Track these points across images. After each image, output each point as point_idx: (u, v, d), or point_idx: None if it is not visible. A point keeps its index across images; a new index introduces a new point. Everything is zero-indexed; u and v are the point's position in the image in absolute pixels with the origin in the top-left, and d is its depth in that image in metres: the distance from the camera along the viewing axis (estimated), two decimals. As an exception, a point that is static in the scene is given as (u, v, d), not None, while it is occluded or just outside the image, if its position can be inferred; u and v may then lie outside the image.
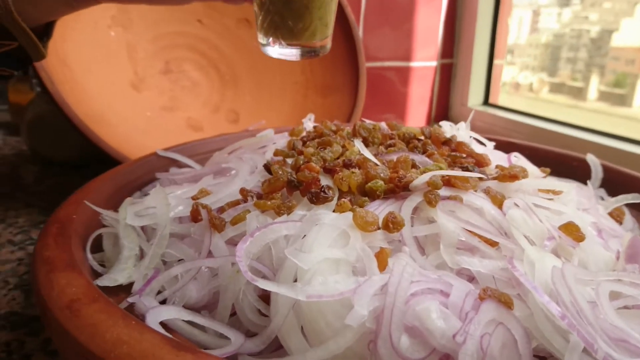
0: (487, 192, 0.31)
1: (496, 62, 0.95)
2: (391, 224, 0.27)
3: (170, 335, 0.21)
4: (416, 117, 0.98)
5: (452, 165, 0.35)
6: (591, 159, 0.47)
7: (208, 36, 0.72)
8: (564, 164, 0.48)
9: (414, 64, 0.93)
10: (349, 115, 0.69)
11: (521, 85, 1.09)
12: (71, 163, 0.66)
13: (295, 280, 0.24)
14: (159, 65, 0.70)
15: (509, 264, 0.25)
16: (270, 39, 0.36)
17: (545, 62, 1.05)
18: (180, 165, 0.47)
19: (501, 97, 0.98)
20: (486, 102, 0.96)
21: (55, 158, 0.65)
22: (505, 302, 0.23)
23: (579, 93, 0.98)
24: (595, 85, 0.95)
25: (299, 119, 0.72)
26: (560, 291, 0.23)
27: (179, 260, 0.30)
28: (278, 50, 0.37)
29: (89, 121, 0.52)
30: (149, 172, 0.44)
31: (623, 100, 0.89)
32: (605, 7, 0.97)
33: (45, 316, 0.23)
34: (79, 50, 0.59)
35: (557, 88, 1.03)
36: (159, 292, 0.27)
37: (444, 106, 1.00)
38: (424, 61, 0.94)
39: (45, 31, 0.38)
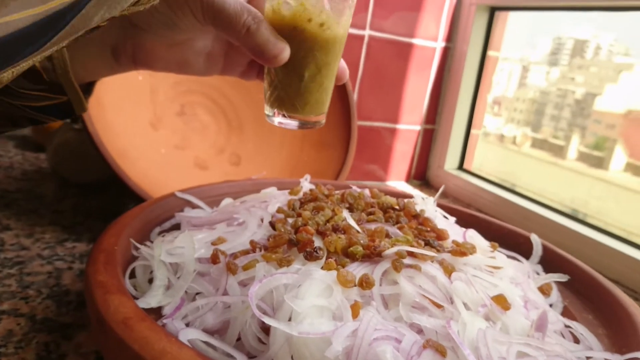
0: (441, 263, 0.41)
1: (473, 131, 1.07)
2: (365, 283, 0.36)
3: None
4: (398, 172, 1.08)
5: (417, 237, 0.44)
6: (534, 238, 0.56)
7: (221, 86, 0.82)
8: (512, 239, 0.58)
9: (400, 126, 1.04)
10: (339, 170, 0.79)
11: (505, 137, 1.18)
12: (87, 185, 0.74)
13: (290, 319, 0.33)
14: (176, 107, 0.79)
15: (447, 323, 0.34)
16: (275, 111, 0.45)
17: (530, 117, 1.13)
18: (192, 205, 0.55)
19: (485, 147, 1.07)
20: (461, 167, 1.07)
21: (74, 180, 0.73)
22: (441, 352, 0.32)
23: (559, 151, 1.05)
24: (575, 145, 1.02)
25: (294, 168, 0.82)
26: (480, 348, 0.32)
27: (197, 293, 0.38)
28: (280, 120, 0.45)
29: (115, 156, 0.60)
30: (167, 210, 0.52)
31: (601, 162, 0.96)
32: (591, 71, 1.05)
33: (103, 328, 0.31)
34: (111, 91, 0.67)
35: (539, 144, 1.11)
36: (183, 317, 0.36)
37: (423, 166, 1.10)
38: (409, 124, 1.04)
39: (86, 88, 0.45)
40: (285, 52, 0.39)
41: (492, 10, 0.99)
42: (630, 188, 0.89)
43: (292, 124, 0.44)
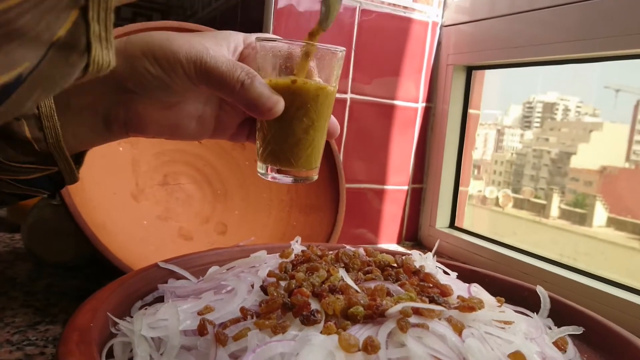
0: (449, 320, 0.37)
1: (461, 189, 1.06)
2: (370, 347, 0.32)
3: None
4: (388, 234, 1.05)
5: (420, 294, 0.41)
6: (540, 290, 0.53)
7: (205, 155, 0.80)
8: (517, 293, 0.55)
9: (387, 187, 1.02)
10: (329, 234, 0.76)
11: (488, 199, 1.18)
12: (63, 264, 0.70)
13: (289, 393, 0.29)
14: (158, 177, 0.76)
15: (465, 386, 0.30)
16: (268, 167, 0.44)
17: (509, 178, 1.15)
18: (177, 276, 0.51)
19: (468, 210, 1.06)
20: (452, 224, 1.05)
21: (50, 260, 0.69)
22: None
23: (541, 210, 1.06)
24: (556, 203, 1.02)
25: (282, 234, 0.79)
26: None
27: (184, 369, 0.34)
28: (274, 176, 0.44)
29: (95, 230, 0.57)
30: (149, 282, 0.49)
31: (583, 219, 0.96)
32: (563, 132, 1.08)
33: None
34: (91, 163, 0.65)
35: (521, 204, 1.12)
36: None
37: (414, 226, 1.08)
38: (397, 185, 1.03)
39: (76, 159, 0.43)
40: (279, 104, 0.39)
41: (469, 70, 1.01)
42: (616, 242, 0.89)
43: (286, 179, 0.44)
